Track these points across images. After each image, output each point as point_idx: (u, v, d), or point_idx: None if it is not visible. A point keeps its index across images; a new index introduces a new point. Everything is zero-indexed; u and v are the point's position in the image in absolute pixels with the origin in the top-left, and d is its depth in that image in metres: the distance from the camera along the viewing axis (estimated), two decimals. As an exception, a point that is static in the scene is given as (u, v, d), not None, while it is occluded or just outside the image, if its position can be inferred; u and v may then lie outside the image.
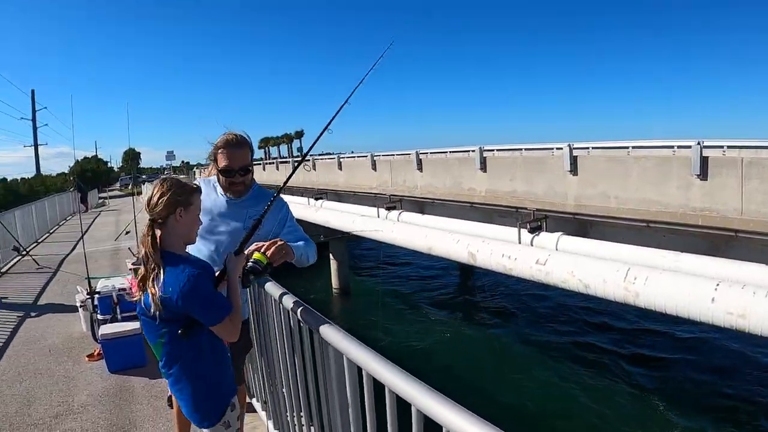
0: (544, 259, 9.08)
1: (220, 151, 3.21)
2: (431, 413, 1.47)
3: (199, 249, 3.07)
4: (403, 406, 1.64)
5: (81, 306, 7.47)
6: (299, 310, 2.64)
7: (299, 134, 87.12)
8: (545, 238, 10.05)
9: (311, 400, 2.83)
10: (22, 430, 4.93)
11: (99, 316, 6.80)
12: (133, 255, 8.33)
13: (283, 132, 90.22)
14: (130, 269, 8.16)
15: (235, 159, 3.22)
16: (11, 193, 44.16)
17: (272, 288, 3.09)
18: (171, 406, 4.64)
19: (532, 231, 10.40)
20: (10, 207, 20.00)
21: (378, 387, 1.85)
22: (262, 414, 4.17)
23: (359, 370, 1.98)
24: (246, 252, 2.73)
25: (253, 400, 4.45)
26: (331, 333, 2.25)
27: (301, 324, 2.66)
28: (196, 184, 2.62)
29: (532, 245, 10.12)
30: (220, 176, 3.24)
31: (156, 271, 2.38)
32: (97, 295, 6.97)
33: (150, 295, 2.37)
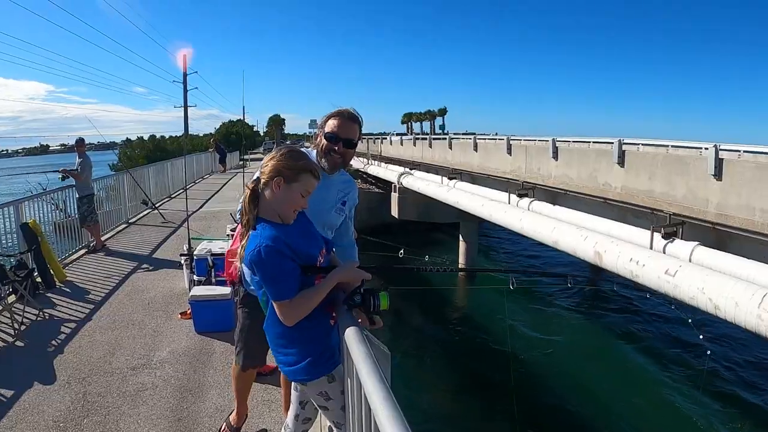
0: (674, 270, 8.41)
1: (331, 118, 3.18)
2: None
3: None
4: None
5: (183, 264, 7.80)
6: (347, 330, 2.30)
7: (442, 112, 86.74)
8: (679, 246, 9.32)
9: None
10: (99, 376, 5.30)
11: (195, 277, 7.05)
12: (234, 221, 8.51)
13: (426, 108, 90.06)
14: (228, 235, 8.42)
15: (344, 129, 3.18)
16: (159, 148, 47.32)
17: None
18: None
19: (666, 237, 9.68)
20: (156, 161, 21.29)
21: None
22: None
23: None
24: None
25: None
26: (357, 352, 1.97)
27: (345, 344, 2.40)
28: (314, 167, 2.53)
29: (664, 252, 9.43)
30: (324, 141, 3.17)
31: (246, 231, 2.38)
32: (195, 256, 7.24)
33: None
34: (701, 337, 12.99)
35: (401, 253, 4.25)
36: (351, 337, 2.07)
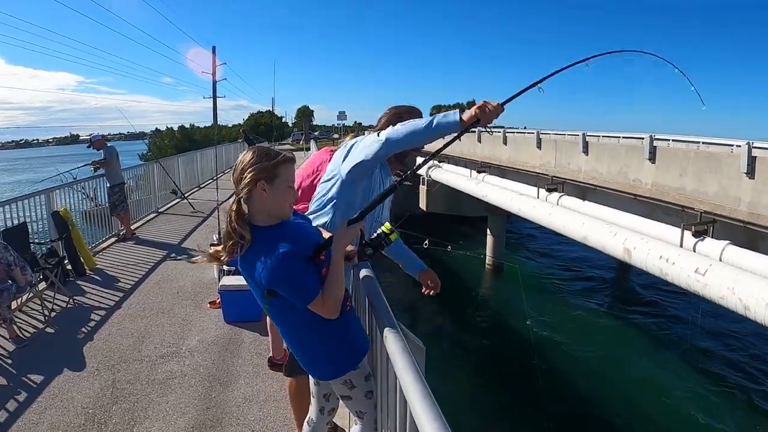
0: (704, 269, 8.29)
1: (408, 116, 3.01)
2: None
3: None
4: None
5: None
6: (384, 324, 2.27)
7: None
8: (710, 245, 9.17)
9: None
10: (128, 363, 5.34)
11: (225, 267, 7.04)
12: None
13: (455, 101, 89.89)
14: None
15: None
16: (187, 138, 47.65)
17: (364, 272, 2.88)
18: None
19: (696, 235, 9.53)
20: (185, 151, 21.42)
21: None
22: None
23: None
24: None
25: None
26: (393, 347, 1.93)
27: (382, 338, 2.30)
28: (285, 155, 2.41)
29: (694, 251, 9.29)
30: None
31: (245, 245, 2.30)
32: (223, 246, 7.24)
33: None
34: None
35: (425, 244, 4.22)
36: (387, 332, 2.05)
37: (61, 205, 9.18)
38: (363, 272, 2.86)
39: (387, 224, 2.44)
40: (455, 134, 2.62)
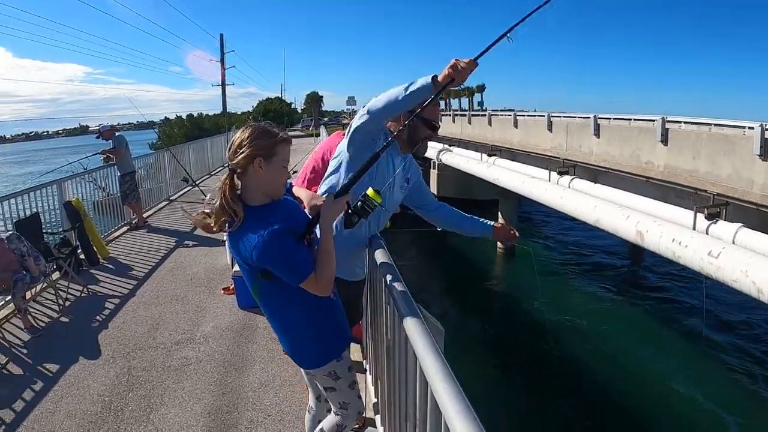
0: (717, 251, 8.22)
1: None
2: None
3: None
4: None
5: (224, 240, 7.85)
6: (402, 305, 2.19)
7: (480, 88, 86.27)
8: (723, 227, 9.10)
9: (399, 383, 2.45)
10: (143, 351, 5.38)
11: None
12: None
13: (465, 84, 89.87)
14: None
15: (439, 114, 3.11)
16: (196, 127, 47.68)
17: (381, 256, 2.83)
18: None
19: (709, 217, 9.46)
20: (194, 140, 21.48)
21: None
22: (368, 377, 4.15)
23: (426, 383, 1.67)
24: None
25: (364, 361, 4.42)
26: (422, 350, 1.75)
27: (394, 307, 2.31)
28: (284, 135, 2.38)
29: (707, 233, 9.23)
30: (424, 129, 3.01)
31: (236, 222, 2.27)
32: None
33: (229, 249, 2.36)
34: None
35: (439, 228, 4.20)
36: (406, 313, 2.02)
37: (73, 196, 9.21)
38: (378, 253, 2.84)
39: (371, 189, 2.41)
40: (433, 96, 2.57)
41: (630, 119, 13.68)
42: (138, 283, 7.51)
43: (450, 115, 28.92)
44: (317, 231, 2.39)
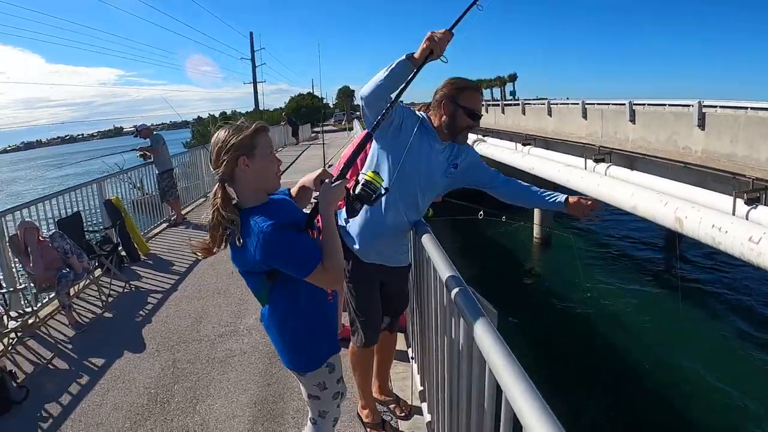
0: (758, 237, 8.04)
1: (467, 90, 2.97)
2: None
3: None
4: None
5: None
6: (454, 289, 2.12)
7: (512, 78, 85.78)
8: (763, 212, 8.88)
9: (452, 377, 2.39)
10: (188, 344, 5.46)
11: None
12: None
13: (495, 75, 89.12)
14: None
15: (480, 104, 3.03)
16: (230, 125, 48.02)
17: (429, 243, 2.75)
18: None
19: (749, 202, 9.24)
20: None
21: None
22: (414, 366, 4.15)
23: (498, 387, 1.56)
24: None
25: (409, 350, 4.42)
26: (481, 332, 1.72)
27: (454, 304, 2.13)
28: (257, 124, 2.30)
29: (747, 219, 9.05)
30: (465, 118, 2.95)
31: (236, 232, 2.22)
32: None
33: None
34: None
35: (480, 215, 4.18)
36: (459, 295, 2.02)
37: (113, 194, 9.36)
38: (425, 238, 2.82)
39: (369, 172, 2.37)
40: (415, 72, 2.55)
41: (665, 104, 13.47)
42: (179, 278, 7.62)
43: (483, 105, 28.72)
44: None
